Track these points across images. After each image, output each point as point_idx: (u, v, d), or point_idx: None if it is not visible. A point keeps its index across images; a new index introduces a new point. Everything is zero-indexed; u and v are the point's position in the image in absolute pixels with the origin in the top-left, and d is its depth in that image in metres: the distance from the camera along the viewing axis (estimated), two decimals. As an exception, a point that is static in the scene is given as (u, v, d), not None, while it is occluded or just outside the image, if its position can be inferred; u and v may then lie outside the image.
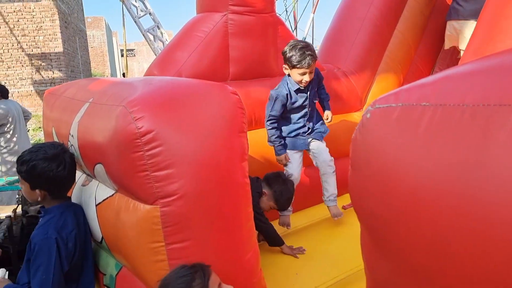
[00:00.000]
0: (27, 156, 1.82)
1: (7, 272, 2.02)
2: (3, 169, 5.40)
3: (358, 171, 1.00)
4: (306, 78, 2.65)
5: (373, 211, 0.95)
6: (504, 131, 0.70)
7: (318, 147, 3.07)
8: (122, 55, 37.56)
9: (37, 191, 1.83)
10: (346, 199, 3.58)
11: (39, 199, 1.85)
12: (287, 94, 2.75)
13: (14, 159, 5.35)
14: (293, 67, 2.63)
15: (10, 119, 5.36)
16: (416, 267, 0.87)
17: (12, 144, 5.38)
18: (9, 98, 5.67)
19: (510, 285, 0.71)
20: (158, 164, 1.45)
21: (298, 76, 2.66)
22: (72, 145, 1.99)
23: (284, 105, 2.76)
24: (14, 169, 5.31)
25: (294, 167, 2.94)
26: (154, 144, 1.45)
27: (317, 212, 3.30)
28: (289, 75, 2.74)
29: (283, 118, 2.84)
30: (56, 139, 2.29)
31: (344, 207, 3.47)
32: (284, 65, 2.72)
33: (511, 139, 0.69)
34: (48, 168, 1.80)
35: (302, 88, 2.74)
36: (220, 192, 1.54)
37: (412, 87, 0.93)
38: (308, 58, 2.58)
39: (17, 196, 4.78)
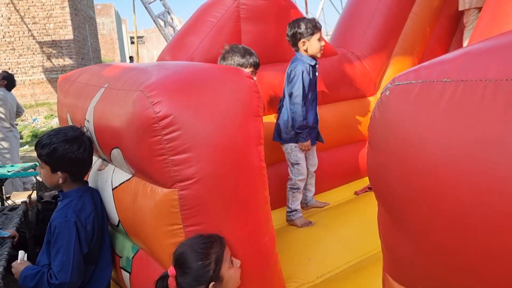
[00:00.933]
0: (47, 139, 1.85)
1: (26, 254, 2.06)
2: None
3: (376, 149, 0.99)
4: (323, 42, 2.73)
5: (392, 189, 0.95)
6: None
7: (314, 146, 3.01)
8: (132, 42, 37.57)
9: (59, 173, 1.86)
10: (358, 185, 3.59)
11: (60, 181, 1.88)
12: (309, 67, 2.74)
13: (5, 145, 5.44)
14: (312, 34, 2.67)
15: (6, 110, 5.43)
16: (436, 244, 0.87)
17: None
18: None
19: None
20: (175, 148, 1.46)
21: (317, 44, 2.70)
22: (88, 130, 2.00)
23: (307, 84, 2.71)
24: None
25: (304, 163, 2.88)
26: (172, 129, 1.45)
27: (329, 198, 3.30)
28: (305, 50, 2.74)
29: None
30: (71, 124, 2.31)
31: (356, 193, 3.48)
32: (299, 43, 2.72)
33: None
34: (70, 150, 1.83)
35: (318, 57, 2.79)
36: (236, 176, 1.55)
37: (433, 63, 0.92)
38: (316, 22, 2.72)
39: (32, 182, 4.88)
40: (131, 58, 17.47)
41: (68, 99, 2.40)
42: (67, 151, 1.82)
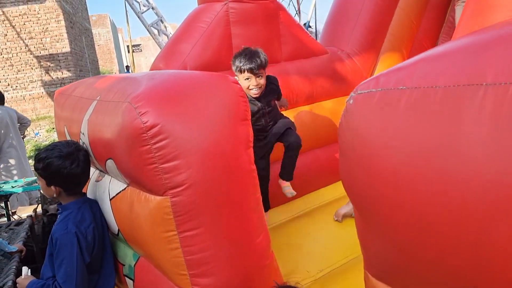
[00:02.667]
0: (44, 153, 1.90)
1: (29, 269, 2.11)
2: (6, 174, 5.49)
3: (345, 155, 1.04)
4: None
5: (360, 192, 1.00)
6: (473, 110, 0.74)
7: None
8: (129, 51, 37.70)
9: (52, 187, 1.91)
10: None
11: (54, 195, 1.93)
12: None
13: (1, 165, 5.46)
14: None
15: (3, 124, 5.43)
16: (401, 242, 0.92)
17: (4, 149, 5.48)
18: (5, 104, 5.74)
19: (482, 250, 0.75)
20: (165, 156, 1.50)
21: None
22: (83, 142, 2.05)
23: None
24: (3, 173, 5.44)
25: None
26: (160, 137, 1.49)
27: (327, 194, 3.34)
28: None
29: None
30: (68, 138, 2.36)
31: None
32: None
33: (479, 116, 0.72)
34: (62, 166, 1.87)
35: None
36: (227, 179, 1.59)
37: (390, 71, 0.97)
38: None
39: (37, 196, 4.93)
40: (127, 67, 17.53)
41: (65, 112, 2.45)
42: (60, 167, 1.87)
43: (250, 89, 2.42)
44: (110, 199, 1.97)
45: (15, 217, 4.32)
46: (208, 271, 1.60)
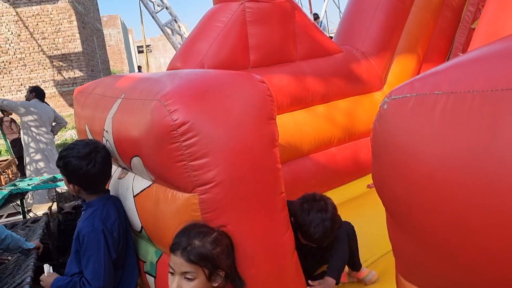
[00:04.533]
0: (64, 152, 1.94)
1: (51, 267, 2.13)
2: (31, 168, 5.64)
3: (378, 158, 1.05)
4: None
5: (395, 195, 1.00)
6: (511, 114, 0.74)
7: None
8: (139, 52, 37.89)
9: (71, 185, 1.96)
10: (370, 179, 3.62)
11: (74, 192, 1.98)
12: None
13: (38, 156, 5.62)
14: None
15: (38, 120, 5.60)
16: (438, 245, 0.92)
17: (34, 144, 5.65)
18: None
19: None
20: (194, 154, 1.52)
21: None
22: (107, 140, 2.07)
23: None
24: (40, 168, 5.57)
25: None
26: (190, 135, 1.51)
27: (342, 193, 3.34)
28: None
29: None
30: (90, 136, 2.38)
31: (369, 186, 3.51)
32: None
33: None
34: (79, 166, 1.90)
35: None
36: (254, 178, 1.60)
37: (425, 76, 0.97)
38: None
39: (53, 193, 5.00)
40: (139, 67, 17.67)
41: (85, 111, 2.48)
42: (77, 167, 1.90)
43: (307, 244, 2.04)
44: (134, 196, 1.99)
45: (31, 214, 4.37)
46: (235, 268, 1.61)
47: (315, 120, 3.44)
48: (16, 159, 6.43)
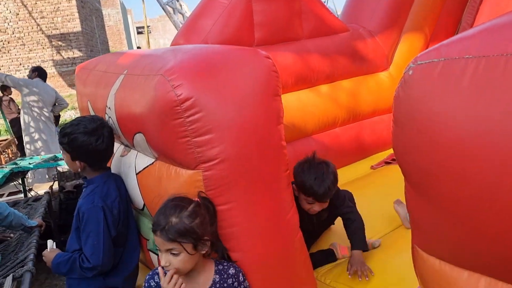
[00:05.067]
0: (69, 129, 1.90)
1: (54, 243, 2.13)
2: (31, 148, 5.64)
3: (402, 127, 1.01)
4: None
5: (419, 164, 0.97)
6: None
7: None
8: (138, 33, 37.50)
9: (77, 162, 1.92)
10: (374, 160, 3.60)
11: (79, 169, 1.94)
12: None
13: (38, 136, 5.61)
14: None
15: (40, 101, 5.59)
16: (463, 217, 0.90)
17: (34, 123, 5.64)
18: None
19: None
20: (198, 130, 1.49)
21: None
22: (110, 117, 2.04)
23: None
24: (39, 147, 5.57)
25: None
26: (194, 111, 1.48)
27: (346, 173, 3.31)
28: None
29: None
30: (92, 113, 2.35)
31: (372, 167, 3.49)
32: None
33: None
34: (88, 142, 1.87)
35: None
36: (259, 155, 1.57)
37: (453, 41, 0.94)
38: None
39: (53, 173, 5.00)
40: (138, 49, 17.54)
41: (88, 88, 2.44)
42: (85, 142, 1.87)
43: (308, 209, 2.02)
44: (137, 174, 1.97)
45: (32, 193, 4.37)
46: (239, 246, 1.61)
47: (319, 100, 3.40)
48: (15, 139, 6.42)
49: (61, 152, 5.38)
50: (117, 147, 2.23)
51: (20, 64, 12.71)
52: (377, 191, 2.93)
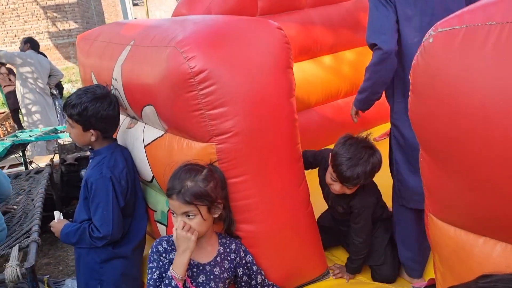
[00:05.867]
0: (77, 99, 1.85)
1: (61, 214, 2.14)
2: (29, 120, 5.58)
3: (421, 96, 1.01)
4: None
5: (439, 132, 0.98)
6: None
7: None
8: (134, 4, 36.71)
9: (91, 131, 1.88)
10: (375, 132, 3.59)
11: (92, 139, 1.90)
12: None
13: (35, 108, 5.54)
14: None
15: (35, 72, 5.50)
16: (486, 183, 0.91)
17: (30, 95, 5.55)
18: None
19: None
20: (212, 103, 1.48)
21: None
22: (116, 88, 2.02)
23: None
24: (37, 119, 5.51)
25: None
26: (208, 83, 1.46)
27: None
28: None
29: None
30: (96, 85, 2.32)
31: (375, 139, 3.49)
32: None
33: None
34: (101, 107, 1.85)
35: None
36: (272, 128, 1.57)
37: (475, 8, 0.93)
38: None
39: (54, 145, 4.98)
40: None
41: (91, 59, 2.40)
42: (99, 108, 1.84)
43: (329, 184, 1.87)
44: (145, 146, 1.96)
45: (33, 165, 4.36)
46: (251, 218, 1.62)
47: (322, 71, 3.35)
48: (10, 111, 6.35)
49: (64, 124, 5.33)
50: (123, 119, 2.21)
51: (16, 36, 12.46)
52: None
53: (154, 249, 1.58)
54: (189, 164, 1.55)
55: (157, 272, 1.52)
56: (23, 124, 5.74)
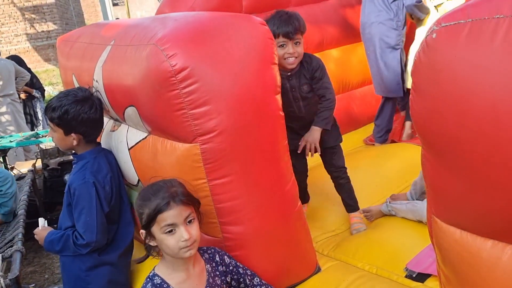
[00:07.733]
0: (57, 102, 1.81)
1: (46, 221, 2.08)
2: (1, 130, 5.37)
3: (424, 94, 0.97)
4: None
5: (444, 132, 0.94)
6: None
7: None
8: (114, 4, 36.27)
9: (72, 135, 1.84)
10: (364, 132, 3.59)
11: (74, 143, 1.85)
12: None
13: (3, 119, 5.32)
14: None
15: None
16: (494, 184, 0.88)
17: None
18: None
19: None
20: (195, 102, 1.44)
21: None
22: (97, 90, 1.96)
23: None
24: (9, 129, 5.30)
25: None
26: (190, 81, 1.42)
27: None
28: None
29: None
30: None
31: (365, 141, 3.48)
32: None
33: None
34: (82, 110, 1.80)
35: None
36: (257, 126, 1.54)
37: (480, 1, 0.89)
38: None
39: (36, 151, 4.86)
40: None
41: (72, 61, 2.34)
42: (80, 111, 1.80)
43: (285, 58, 2.01)
44: (129, 149, 1.91)
45: (15, 171, 4.26)
46: (239, 219, 1.59)
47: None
48: None
49: (47, 128, 5.15)
50: (107, 122, 2.15)
51: (-7, 39, 12.19)
52: (369, 162, 2.94)
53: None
54: (157, 182, 1.50)
55: None
56: None
